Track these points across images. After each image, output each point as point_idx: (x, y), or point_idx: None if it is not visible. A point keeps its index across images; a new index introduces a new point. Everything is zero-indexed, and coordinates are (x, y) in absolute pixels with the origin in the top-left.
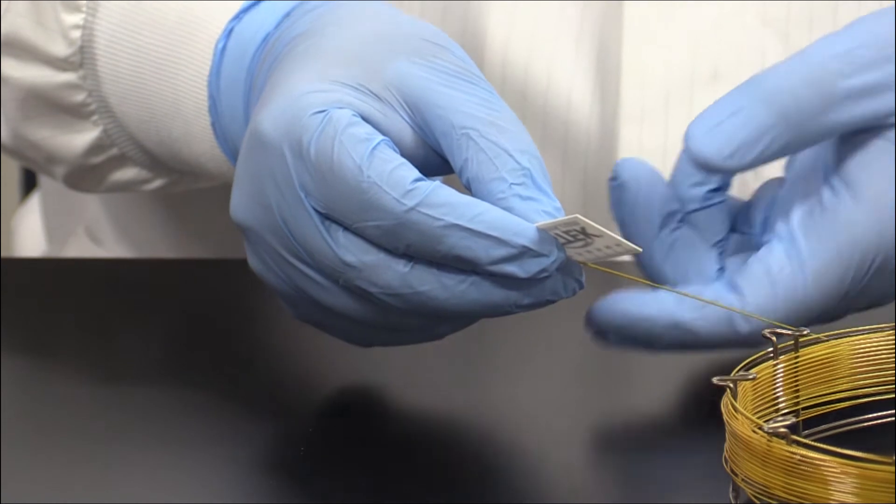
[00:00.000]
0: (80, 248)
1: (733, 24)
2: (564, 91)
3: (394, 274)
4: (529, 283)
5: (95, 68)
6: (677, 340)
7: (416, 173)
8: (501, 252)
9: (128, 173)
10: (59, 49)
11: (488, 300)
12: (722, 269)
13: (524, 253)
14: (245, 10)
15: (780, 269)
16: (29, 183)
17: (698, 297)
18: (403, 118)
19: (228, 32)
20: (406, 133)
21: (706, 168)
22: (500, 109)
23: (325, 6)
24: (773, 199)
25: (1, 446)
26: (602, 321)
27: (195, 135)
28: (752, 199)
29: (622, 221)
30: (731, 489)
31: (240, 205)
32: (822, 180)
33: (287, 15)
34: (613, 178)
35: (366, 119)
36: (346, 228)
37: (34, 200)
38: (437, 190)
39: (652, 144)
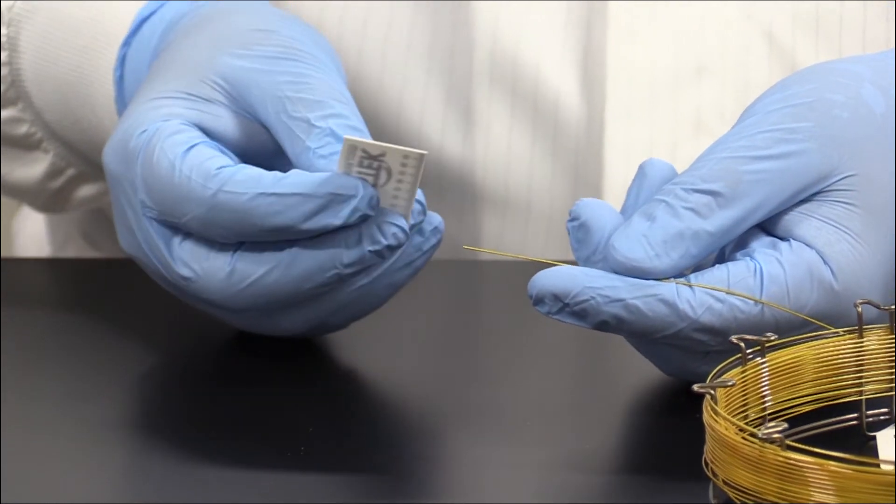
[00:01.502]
0: (78, 252)
1: (717, 20)
2: (553, 86)
3: (221, 277)
4: (347, 235)
5: (30, 99)
6: (613, 317)
7: (224, 161)
8: (310, 206)
9: (90, 189)
10: None
11: (313, 264)
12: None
13: (332, 200)
14: (132, 34)
15: (740, 278)
16: None
17: (700, 285)
18: (236, 112)
19: (122, 59)
20: (237, 127)
21: (634, 273)
22: (308, 79)
23: (199, 12)
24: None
25: (1, 446)
26: (542, 287)
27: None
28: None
29: (585, 260)
30: (710, 493)
31: (121, 237)
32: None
33: (169, 27)
34: (573, 219)
35: (197, 124)
36: (183, 236)
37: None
38: (240, 170)
39: (638, 140)
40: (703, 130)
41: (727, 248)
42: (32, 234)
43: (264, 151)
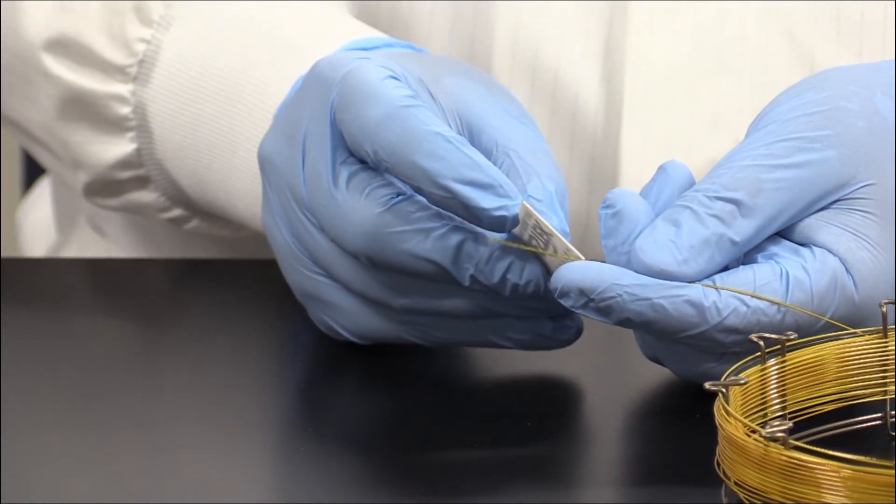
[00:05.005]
0: (84, 239)
1: (737, 17)
2: (573, 78)
3: (370, 212)
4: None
5: (148, 83)
6: (638, 314)
7: (417, 95)
8: (472, 173)
9: (147, 196)
10: (118, 57)
11: (453, 245)
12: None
13: (491, 185)
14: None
15: (766, 281)
16: (30, 179)
17: (728, 288)
18: (451, 126)
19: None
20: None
21: (661, 277)
22: (544, 145)
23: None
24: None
25: (1, 446)
26: (568, 281)
27: (238, 168)
28: None
29: (611, 250)
30: (722, 493)
31: (269, 139)
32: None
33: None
34: (608, 207)
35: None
36: (352, 164)
37: (38, 191)
38: (429, 109)
39: (655, 134)
40: (720, 126)
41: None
42: (39, 222)
43: None
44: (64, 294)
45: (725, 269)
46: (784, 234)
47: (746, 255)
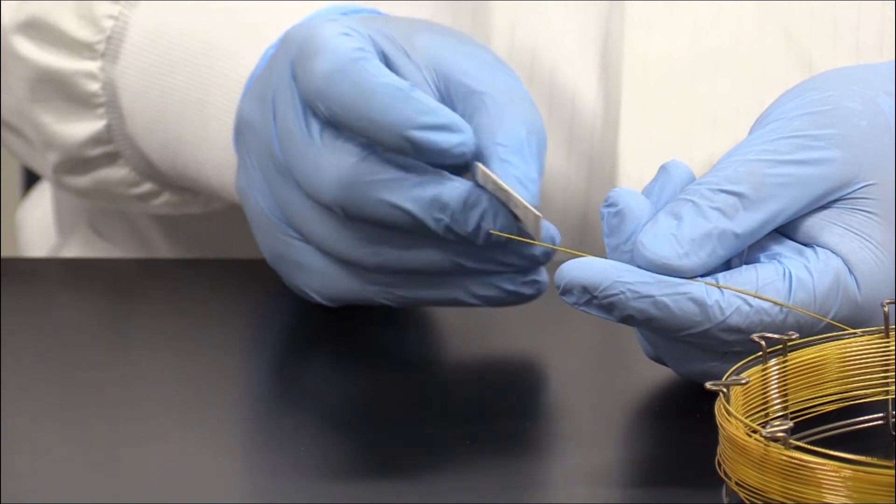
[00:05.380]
0: (83, 241)
1: (734, 14)
2: (570, 78)
3: (343, 163)
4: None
5: (116, 60)
6: (640, 312)
7: (365, 47)
8: (427, 118)
9: (118, 172)
10: (86, 35)
11: (428, 195)
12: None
13: (445, 126)
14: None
15: (769, 280)
16: (30, 181)
17: (731, 287)
18: (426, 79)
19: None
20: (426, 91)
21: (662, 270)
22: (520, 89)
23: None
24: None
25: (1, 446)
26: (571, 278)
27: (210, 138)
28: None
29: (614, 249)
30: (723, 493)
31: (244, 103)
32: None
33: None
34: (610, 205)
35: (389, 66)
36: (323, 120)
37: (38, 193)
38: (378, 60)
39: (653, 132)
40: (718, 124)
41: (745, 250)
42: (38, 224)
43: None
44: (64, 294)
45: (727, 264)
46: (787, 233)
47: (749, 255)
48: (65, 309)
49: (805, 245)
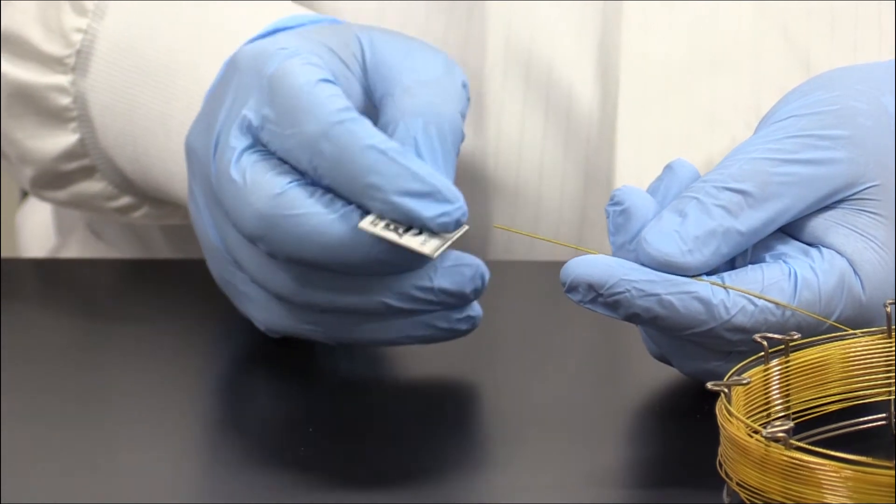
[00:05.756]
0: (82, 242)
1: (732, 13)
2: (566, 77)
3: (269, 194)
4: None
5: (86, 73)
6: (646, 310)
7: (350, 105)
8: (413, 184)
9: (94, 186)
10: (56, 49)
11: (364, 241)
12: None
13: (433, 193)
14: (261, 37)
15: (774, 280)
16: None
17: (736, 288)
18: (361, 86)
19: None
20: (358, 98)
21: (666, 267)
22: (433, 71)
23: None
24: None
25: (1, 446)
26: (577, 276)
27: (174, 152)
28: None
29: (619, 247)
30: (724, 493)
31: (193, 129)
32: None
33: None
34: (615, 204)
35: (329, 71)
36: (258, 152)
37: None
38: (363, 119)
39: (651, 132)
40: (716, 123)
41: (749, 249)
42: (37, 226)
43: None
44: (64, 294)
45: (732, 263)
46: (793, 233)
47: (754, 254)
48: (64, 309)
49: (810, 245)
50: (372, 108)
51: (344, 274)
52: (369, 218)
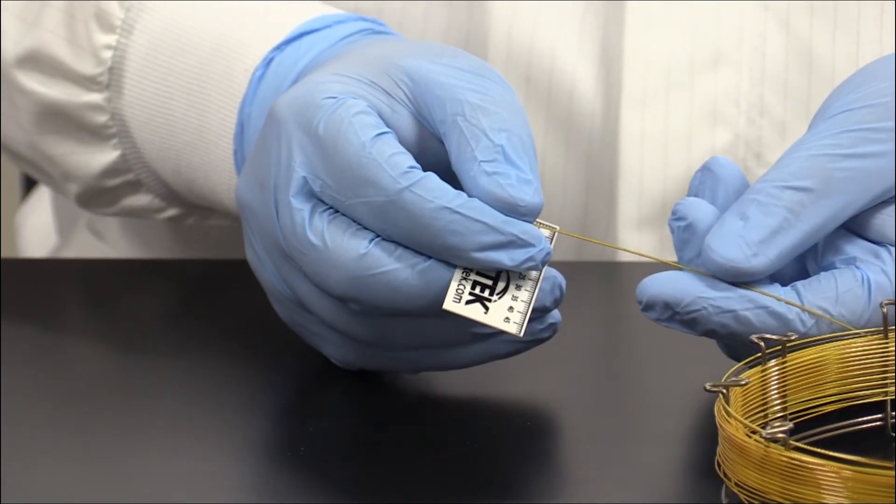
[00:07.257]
0: (83, 243)
1: (734, 9)
2: (568, 75)
3: (352, 255)
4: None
5: (121, 90)
6: (723, 326)
7: (412, 161)
8: (491, 238)
9: (141, 200)
10: (88, 68)
11: (439, 277)
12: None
13: (513, 241)
14: (287, 42)
15: (848, 288)
16: (30, 182)
17: (762, 292)
18: (410, 112)
19: (268, 62)
20: (411, 128)
21: (732, 273)
22: (492, 93)
23: (365, 40)
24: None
25: (1, 446)
26: (653, 294)
27: (215, 164)
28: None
29: (688, 262)
30: (723, 493)
31: (243, 184)
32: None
33: (328, 48)
34: (679, 219)
35: (378, 112)
36: (328, 210)
37: (38, 195)
38: (429, 177)
39: (653, 129)
40: (718, 119)
41: (819, 250)
42: (37, 226)
43: (429, 164)
44: (64, 294)
45: (803, 265)
46: (859, 231)
47: (824, 259)
48: (65, 309)
49: (877, 243)
50: (421, 127)
51: (432, 315)
52: (454, 285)
